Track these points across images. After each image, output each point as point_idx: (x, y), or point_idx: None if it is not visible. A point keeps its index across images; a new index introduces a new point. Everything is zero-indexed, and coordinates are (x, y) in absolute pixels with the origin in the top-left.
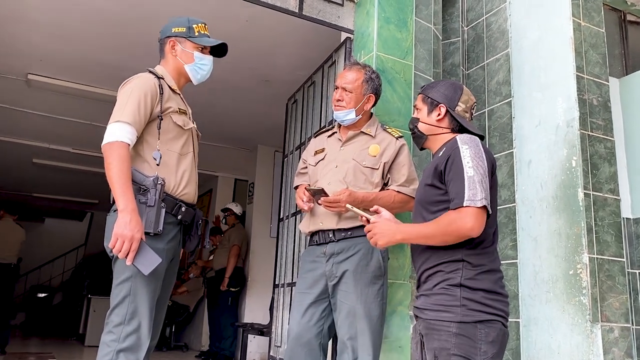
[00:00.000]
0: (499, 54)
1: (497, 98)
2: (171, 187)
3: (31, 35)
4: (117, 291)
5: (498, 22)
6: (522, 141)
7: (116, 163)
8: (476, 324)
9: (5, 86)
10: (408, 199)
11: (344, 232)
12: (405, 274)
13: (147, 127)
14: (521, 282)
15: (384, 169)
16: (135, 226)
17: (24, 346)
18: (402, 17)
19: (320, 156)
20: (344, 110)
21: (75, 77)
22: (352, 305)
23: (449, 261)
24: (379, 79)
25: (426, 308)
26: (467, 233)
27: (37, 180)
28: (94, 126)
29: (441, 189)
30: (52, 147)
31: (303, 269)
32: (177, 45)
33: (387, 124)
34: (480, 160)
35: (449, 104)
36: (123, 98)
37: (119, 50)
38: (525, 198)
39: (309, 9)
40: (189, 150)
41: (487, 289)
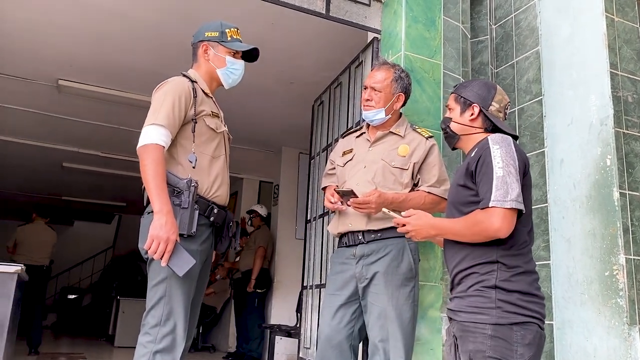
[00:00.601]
0: (529, 52)
1: (527, 96)
2: (204, 189)
3: (61, 41)
4: (153, 293)
5: (527, 19)
6: (553, 140)
7: (151, 165)
8: (512, 326)
9: (36, 92)
10: (439, 199)
11: (374, 233)
12: (437, 276)
13: (181, 130)
14: (554, 284)
15: (414, 169)
16: (170, 228)
17: (56, 346)
18: (430, 16)
19: (349, 157)
20: (373, 110)
21: (104, 82)
22: (383, 307)
23: (483, 262)
24: (409, 78)
25: (460, 310)
26: (494, 234)
27: (66, 184)
28: (122, 130)
29: (473, 190)
30: (81, 151)
31: (333, 271)
32: (210, 50)
33: (416, 123)
34: (511, 160)
35: (483, 103)
36: (158, 101)
37: (147, 55)
38: (558, 198)
39: (336, 10)
40: (221, 153)
41: (522, 291)
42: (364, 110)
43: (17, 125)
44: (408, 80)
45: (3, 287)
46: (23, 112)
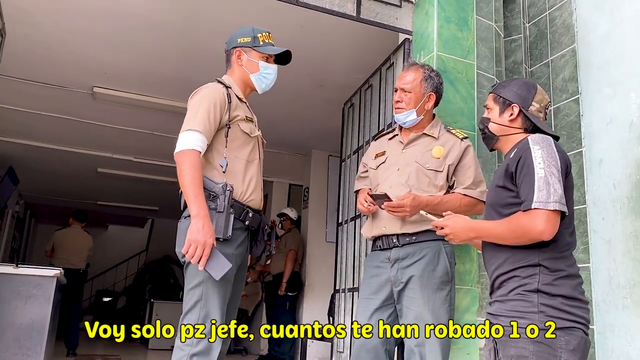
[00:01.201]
0: (564, 50)
1: (564, 95)
2: (239, 194)
3: (96, 50)
4: (190, 296)
5: (562, 16)
6: (591, 139)
7: (188, 170)
8: (555, 331)
9: (71, 99)
10: (475, 201)
11: (409, 236)
12: (473, 279)
13: (217, 135)
14: (594, 287)
15: (449, 171)
16: (207, 232)
17: (92, 348)
18: (462, 16)
19: (381, 159)
20: (404, 112)
21: (137, 89)
22: (419, 311)
23: (524, 266)
24: (439, 77)
25: (501, 314)
26: (538, 236)
27: (101, 189)
28: (154, 135)
29: (513, 191)
30: (115, 156)
31: (367, 274)
32: (243, 55)
33: (450, 124)
34: (553, 161)
35: (523, 103)
36: (193, 107)
37: (178, 62)
38: (597, 199)
39: (367, 12)
40: (255, 158)
41: (566, 295)
42: (395, 113)
43: (54, 132)
44: (439, 79)
45: (43, 290)
46: (59, 119)
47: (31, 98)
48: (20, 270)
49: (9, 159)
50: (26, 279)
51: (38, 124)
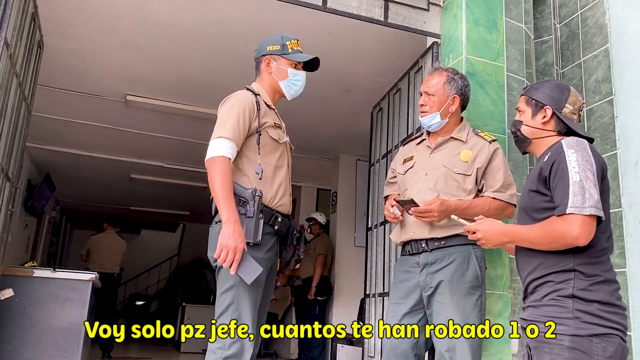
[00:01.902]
0: (597, 50)
1: (597, 97)
2: (268, 199)
3: (129, 59)
4: (222, 300)
5: (595, 16)
6: (626, 141)
7: (219, 177)
8: (592, 338)
9: (105, 107)
10: (505, 205)
11: (437, 241)
12: (504, 284)
13: (246, 142)
14: (631, 293)
15: (477, 174)
16: (238, 237)
17: (126, 351)
18: (491, 18)
19: (409, 164)
20: (429, 115)
21: (168, 96)
22: (449, 316)
23: (559, 271)
24: (464, 80)
25: (535, 320)
26: (573, 242)
27: (134, 194)
28: (185, 141)
29: (546, 195)
30: (147, 162)
31: (396, 279)
32: (272, 63)
33: (480, 128)
34: (588, 165)
35: (556, 105)
36: (223, 115)
37: (209, 69)
38: (633, 202)
39: (394, 16)
40: (284, 163)
41: (603, 301)
42: (420, 117)
43: (88, 139)
44: (463, 82)
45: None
46: (93, 126)
47: (67, 107)
48: (58, 274)
49: (46, 166)
50: (63, 282)
51: (74, 131)
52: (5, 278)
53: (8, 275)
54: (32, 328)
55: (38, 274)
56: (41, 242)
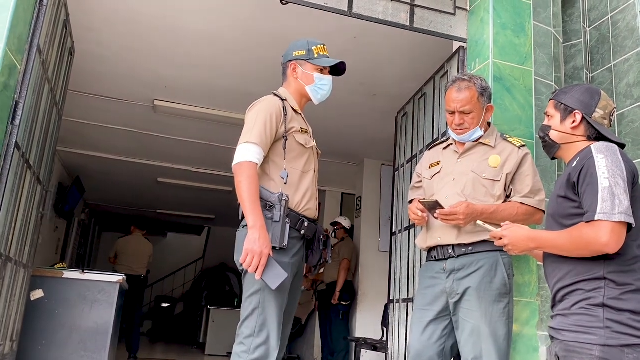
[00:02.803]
0: (629, 54)
1: (628, 101)
2: (294, 203)
3: (157, 65)
4: (247, 304)
5: (626, 19)
6: None
7: (246, 182)
8: (623, 348)
9: (134, 112)
10: (533, 210)
11: (465, 247)
12: (532, 292)
13: (273, 147)
14: None
15: (507, 180)
16: (264, 242)
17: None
18: (519, 22)
19: (436, 169)
20: (469, 132)
21: (195, 101)
22: (476, 324)
23: (589, 279)
24: (487, 83)
25: (564, 329)
26: (602, 249)
27: (161, 198)
28: (211, 146)
29: (575, 201)
30: (174, 166)
31: (422, 285)
32: (298, 68)
33: (508, 133)
34: (618, 170)
35: (586, 110)
36: (251, 120)
37: (236, 75)
38: None
39: (420, 21)
40: (310, 168)
41: (634, 310)
42: (457, 134)
43: (117, 143)
44: (489, 87)
45: (107, 295)
46: (122, 131)
47: (97, 112)
48: (86, 275)
49: (76, 170)
50: (91, 284)
51: (103, 136)
52: (36, 279)
53: (38, 276)
54: (61, 328)
55: (67, 276)
56: (70, 244)
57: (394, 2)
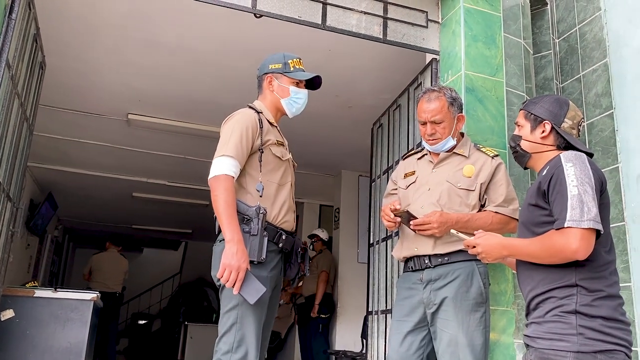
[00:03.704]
0: (596, 65)
1: (597, 110)
2: (272, 216)
3: (130, 77)
4: (225, 319)
5: (593, 31)
6: (628, 155)
7: (222, 195)
8: (596, 354)
9: (107, 126)
10: (507, 219)
11: (441, 257)
12: (508, 300)
13: (249, 160)
14: (636, 307)
15: (481, 189)
16: (241, 256)
17: None
18: (490, 34)
19: (411, 179)
20: (441, 142)
21: (170, 115)
22: (454, 333)
23: (561, 286)
24: (457, 93)
25: (538, 337)
26: (572, 255)
27: (136, 213)
28: (187, 159)
29: (545, 209)
30: (150, 181)
31: (399, 296)
32: (274, 81)
33: (480, 143)
34: (586, 178)
35: (555, 120)
36: (226, 133)
37: (210, 88)
38: (636, 216)
39: (393, 33)
40: (287, 181)
41: (606, 316)
42: (430, 145)
43: (90, 158)
44: (459, 97)
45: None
46: (95, 145)
47: (69, 126)
48: (59, 294)
49: (49, 185)
50: (64, 302)
51: (76, 151)
52: (6, 298)
53: (9, 295)
54: (32, 349)
55: (39, 294)
56: (43, 261)
57: (367, 15)
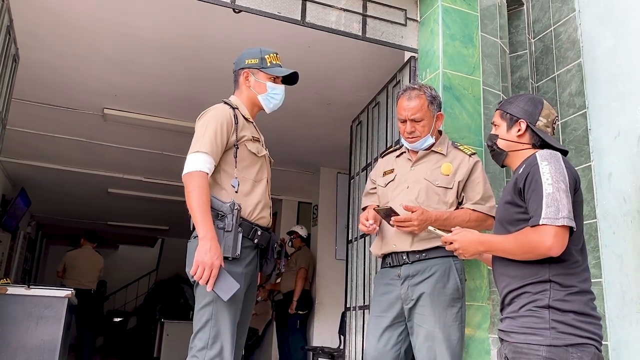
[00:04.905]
0: (570, 65)
1: (571, 110)
2: (247, 213)
3: (106, 72)
4: (199, 316)
5: (567, 32)
6: (600, 153)
7: (196, 192)
8: (567, 348)
9: (82, 121)
10: (484, 217)
11: (419, 253)
12: (484, 296)
13: (224, 156)
14: (607, 302)
15: (458, 187)
16: (215, 253)
17: None
18: (467, 33)
19: (390, 177)
20: (420, 140)
21: (147, 110)
22: (430, 329)
23: (535, 282)
24: (437, 92)
25: (512, 331)
26: (546, 252)
27: (112, 209)
28: (164, 155)
29: (521, 207)
30: (125, 177)
31: (377, 292)
32: (251, 77)
33: (458, 141)
34: (561, 177)
35: (530, 119)
36: (201, 129)
37: (188, 83)
38: (607, 213)
39: (372, 31)
40: (263, 177)
41: (578, 311)
42: (409, 142)
43: (65, 153)
44: (438, 95)
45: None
46: (71, 140)
47: (43, 121)
48: (32, 291)
49: (21, 181)
50: (37, 299)
51: (50, 145)
52: None
53: None
54: (5, 347)
55: (11, 292)
56: (16, 258)
57: (346, 12)
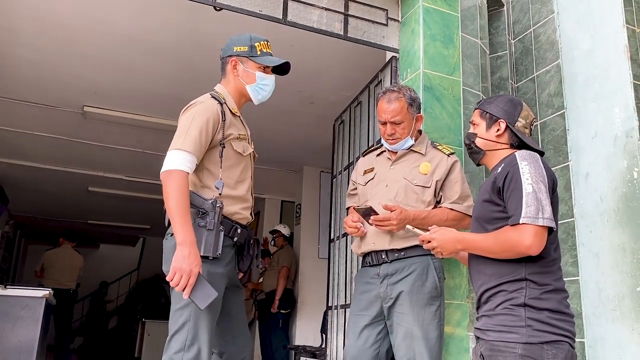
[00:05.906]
0: (549, 66)
1: (549, 110)
2: (229, 211)
3: (86, 69)
4: (176, 317)
5: (547, 33)
6: (578, 153)
7: (175, 193)
8: (542, 345)
9: (62, 118)
10: (462, 216)
11: (397, 252)
12: (463, 294)
13: (208, 154)
14: (584, 300)
15: (436, 187)
16: (193, 260)
17: None
18: (447, 34)
19: (370, 176)
20: (401, 141)
21: (127, 107)
22: (409, 327)
23: (511, 280)
24: (416, 93)
25: (489, 329)
26: (525, 251)
27: (92, 208)
28: (145, 153)
29: (499, 205)
30: (106, 175)
31: (357, 291)
32: (239, 65)
33: (437, 140)
34: (540, 177)
35: (509, 119)
36: (184, 124)
37: (170, 81)
38: (584, 212)
39: (354, 30)
40: (247, 176)
41: (552, 309)
42: (389, 144)
43: (44, 151)
44: (417, 95)
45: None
46: (50, 138)
47: (21, 118)
48: (9, 291)
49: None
50: (14, 300)
51: (28, 143)
52: None
53: None
54: None
55: None
56: None
57: (328, 11)
